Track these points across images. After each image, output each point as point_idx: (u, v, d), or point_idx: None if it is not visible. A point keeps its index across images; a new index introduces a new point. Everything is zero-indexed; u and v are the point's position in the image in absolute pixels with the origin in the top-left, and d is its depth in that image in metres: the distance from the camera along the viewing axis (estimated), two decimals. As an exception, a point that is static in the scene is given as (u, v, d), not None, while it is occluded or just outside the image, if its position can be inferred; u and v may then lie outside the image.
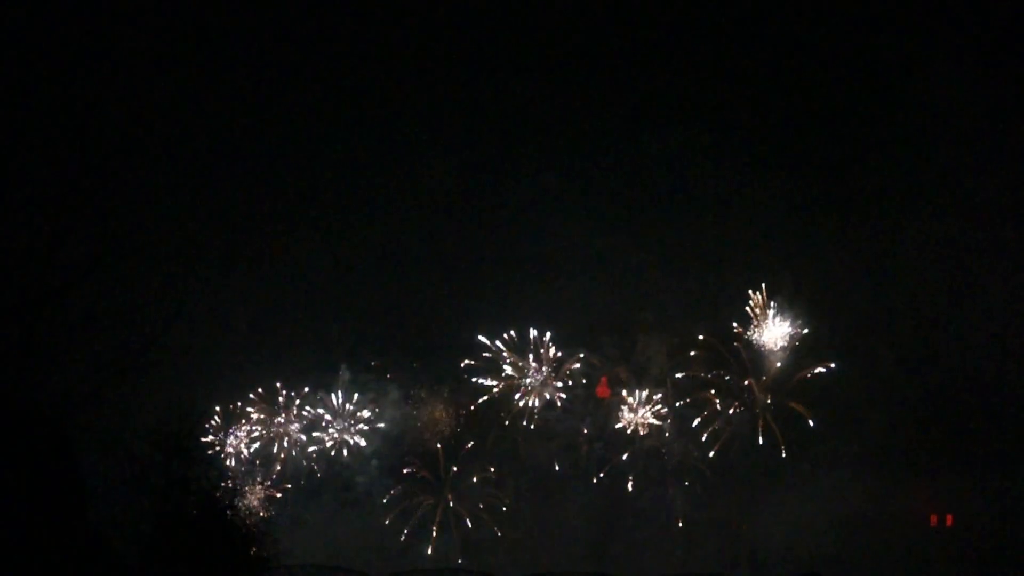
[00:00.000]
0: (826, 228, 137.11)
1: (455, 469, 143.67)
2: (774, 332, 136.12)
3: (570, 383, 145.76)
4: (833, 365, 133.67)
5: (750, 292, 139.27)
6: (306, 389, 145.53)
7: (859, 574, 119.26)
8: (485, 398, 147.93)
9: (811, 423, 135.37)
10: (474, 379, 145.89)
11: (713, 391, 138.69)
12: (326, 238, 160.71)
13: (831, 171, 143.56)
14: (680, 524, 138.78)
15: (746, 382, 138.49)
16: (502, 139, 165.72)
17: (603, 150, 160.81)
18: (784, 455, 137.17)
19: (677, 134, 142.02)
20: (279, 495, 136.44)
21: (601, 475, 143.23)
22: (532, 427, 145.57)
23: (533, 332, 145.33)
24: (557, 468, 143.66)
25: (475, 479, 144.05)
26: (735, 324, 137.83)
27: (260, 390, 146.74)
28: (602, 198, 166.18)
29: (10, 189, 18.95)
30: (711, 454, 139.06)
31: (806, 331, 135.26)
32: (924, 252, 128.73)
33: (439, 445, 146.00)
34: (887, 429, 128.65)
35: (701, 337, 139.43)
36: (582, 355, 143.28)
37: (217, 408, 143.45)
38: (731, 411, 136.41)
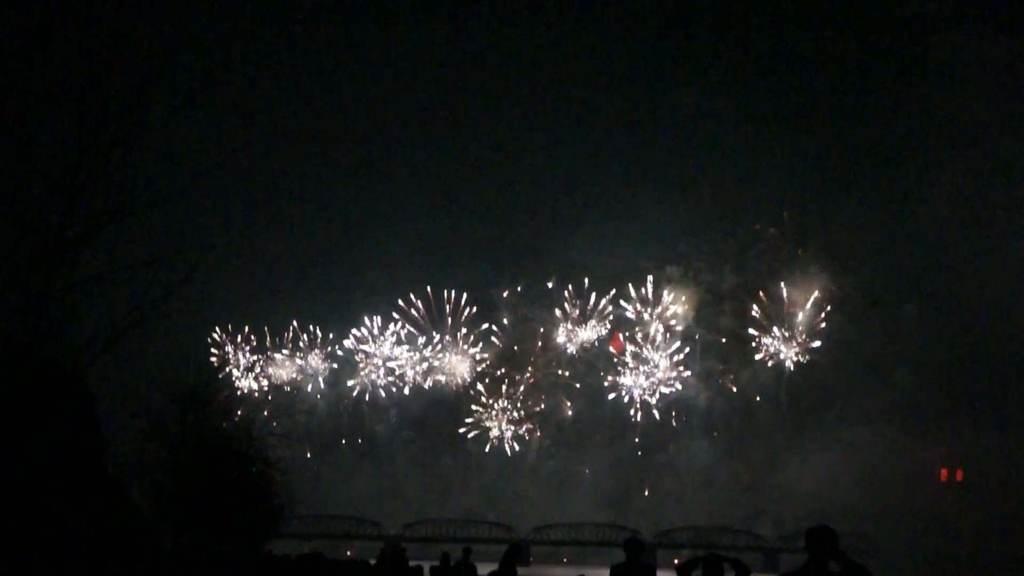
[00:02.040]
0: (851, 184, 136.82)
1: (476, 420, 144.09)
2: (800, 287, 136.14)
3: (595, 337, 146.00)
4: (858, 322, 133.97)
5: (772, 237, 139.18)
6: (330, 335, 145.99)
7: (873, 527, 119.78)
8: (499, 347, 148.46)
9: (835, 378, 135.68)
10: (495, 329, 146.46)
11: (739, 345, 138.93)
12: (343, 182, 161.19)
13: (856, 127, 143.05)
14: (703, 477, 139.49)
15: (771, 337, 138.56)
16: (528, 96, 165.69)
17: (630, 105, 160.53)
18: (807, 410, 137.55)
19: (706, 90, 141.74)
20: (297, 442, 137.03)
21: (625, 428, 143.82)
22: (556, 379, 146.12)
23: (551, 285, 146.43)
24: (580, 421, 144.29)
25: (497, 430, 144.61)
26: (761, 279, 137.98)
27: (264, 341, 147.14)
28: (629, 153, 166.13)
29: (29, 139, 18.98)
30: (736, 408, 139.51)
31: (831, 287, 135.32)
32: (948, 208, 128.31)
33: (460, 396, 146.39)
34: (909, 385, 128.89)
35: (727, 291, 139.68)
36: (609, 307, 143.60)
37: (232, 351, 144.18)
38: (756, 365, 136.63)
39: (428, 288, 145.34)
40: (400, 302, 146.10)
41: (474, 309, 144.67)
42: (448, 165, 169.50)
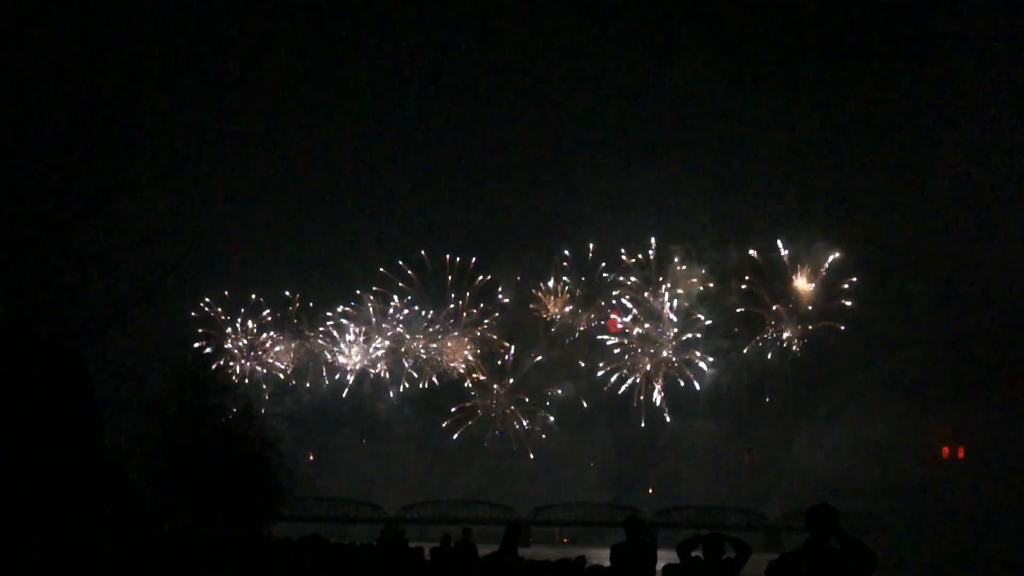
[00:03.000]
0: (858, 160, 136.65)
1: (480, 399, 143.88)
2: (805, 265, 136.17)
3: (597, 317, 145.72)
4: (864, 299, 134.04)
5: (777, 214, 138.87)
6: (334, 310, 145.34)
7: (875, 504, 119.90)
8: (495, 323, 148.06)
9: (840, 355, 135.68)
10: (497, 309, 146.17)
11: (745, 321, 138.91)
12: (342, 156, 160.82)
13: (861, 102, 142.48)
14: (706, 456, 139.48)
15: (777, 315, 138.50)
16: (533, 69, 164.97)
17: (634, 81, 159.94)
18: (812, 387, 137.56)
19: (707, 66, 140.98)
20: (297, 423, 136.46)
21: (627, 409, 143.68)
22: (559, 360, 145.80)
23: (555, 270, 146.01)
24: (583, 401, 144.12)
25: (501, 410, 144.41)
26: (765, 254, 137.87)
27: (270, 317, 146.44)
28: (634, 130, 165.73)
29: (27, 116, 18.81)
30: (741, 386, 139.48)
31: (838, 263, 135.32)
32: (955, 184, 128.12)
33: (465, 374, 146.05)
34: (914, 362, 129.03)
35: (732, 267, 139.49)
36: (611, 288, 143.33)
37: (230, 330, 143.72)
38: (762, 342, 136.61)
39: (424, 253, 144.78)
40: (399, 283, 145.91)
41: (489, 277, 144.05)
42: (449, 145, 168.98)
